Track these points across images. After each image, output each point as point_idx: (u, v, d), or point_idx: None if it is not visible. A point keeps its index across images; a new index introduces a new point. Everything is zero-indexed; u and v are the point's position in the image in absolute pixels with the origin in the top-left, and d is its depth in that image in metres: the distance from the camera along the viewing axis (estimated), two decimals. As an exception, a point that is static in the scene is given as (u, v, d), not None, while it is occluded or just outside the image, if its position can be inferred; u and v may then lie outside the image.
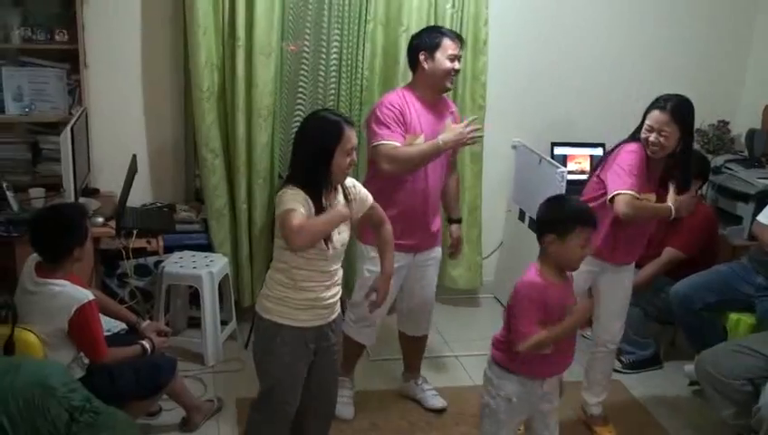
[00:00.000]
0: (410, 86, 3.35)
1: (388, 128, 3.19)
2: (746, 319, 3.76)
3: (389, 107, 3.22)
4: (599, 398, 3.51)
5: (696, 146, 4.67)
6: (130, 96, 4.14)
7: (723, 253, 4.19)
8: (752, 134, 4.51)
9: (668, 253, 4.02)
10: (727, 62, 4.89)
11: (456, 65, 3.25)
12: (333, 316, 2.74)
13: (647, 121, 3.13)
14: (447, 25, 4.20)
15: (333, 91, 4.27)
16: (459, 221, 3.67)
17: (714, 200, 4.48)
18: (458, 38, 3.31)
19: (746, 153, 4.59)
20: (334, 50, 4.22)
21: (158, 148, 4.25)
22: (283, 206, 2.49)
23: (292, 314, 2.63)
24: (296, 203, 2.48)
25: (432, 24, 4.16)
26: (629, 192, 3.04)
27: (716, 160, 4.50)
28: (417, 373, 3.72)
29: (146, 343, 3.09)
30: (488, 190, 4.59)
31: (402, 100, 3.26)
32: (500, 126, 4.54)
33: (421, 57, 3.25)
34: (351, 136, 2.58)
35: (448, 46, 3.22)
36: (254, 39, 3.95)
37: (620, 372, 4.08)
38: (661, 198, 3.20)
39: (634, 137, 3.19)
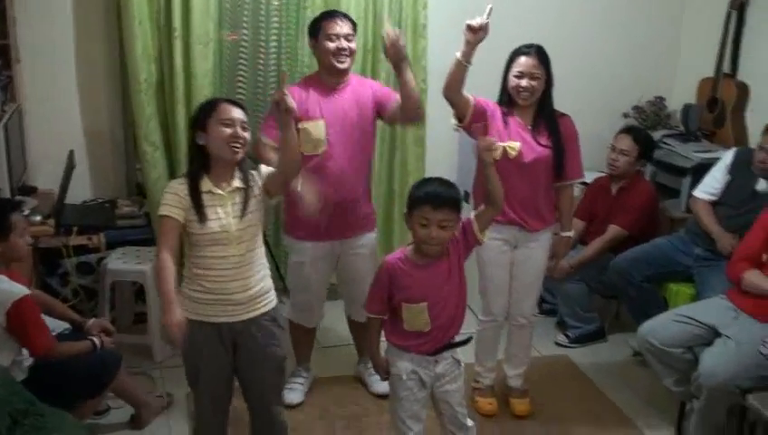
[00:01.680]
0: (317, 71, 3.39)
1: (267, 121, 3.25)
2: (686, 289, 3.86)
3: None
4: (516, 370, 3.55)
5: (634, 122, 4.78)
6: (65, 90, 4.06)
7: (662, 226, 4.29)
8: (687, 109, 4.61)
9: (612, 230, 4.10)
10: (661, 40, 4.98)
11: (341, 44, 3.23)
12: (250, 315, 2.64)
13: (515, 69, 3.21)
14: (386, 10, 4.21)
15: (273, 79, 4.23)
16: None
17: (653, 175, 4.57)
18: (342, 17, 3.29)
19: (682, 128, 4.69)
20: (273, 37, 4.19)
21: (96, 142, 4.18)
22: (161, 206, 2.57)
23: (195, 308, 2.60)
24: (168, 206, 2.53)
25: (370, 7, 4.17)
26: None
27: (654, 135, 4.58)
28: (366, 357, 3.74)
29: (95, 339, 3.06)
30: (432, 174, 4.59)
31: (303, 88, 3.29)
32: (442, 109, 4.52)
33: (311, 45, 3.34)
34: (228, 109, 2.56)
35: (327, 26, 3.23)
36: (190, 29, 3.90)
37: (566, 346, 4.17)
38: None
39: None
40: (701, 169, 4.11)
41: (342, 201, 3.29)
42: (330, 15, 3.31)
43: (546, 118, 3.27)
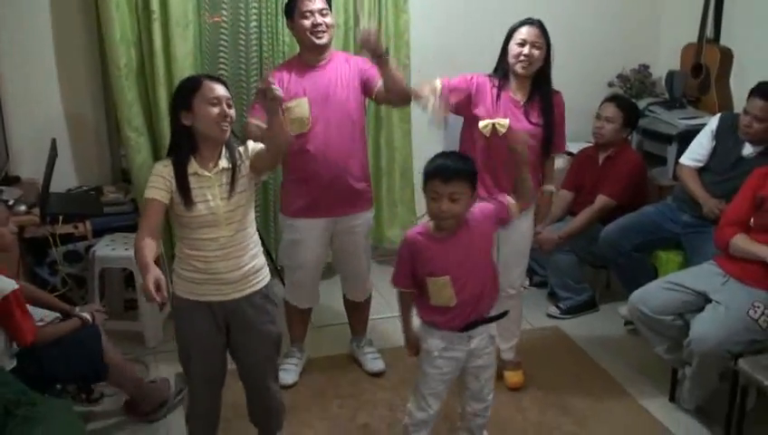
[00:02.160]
0: (299, 52, 3.38)
1: (253, 108, 3.24)
2: (675, 257, 3.88)
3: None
4: (509, 343, 3.55)
5: (619, 91, 4.77)
6: (45, 78, 4.01)
7: (650, 194, 4.30)
8: (671, 76, 4.60)
9: (600, 200, 4.11)
10: (643, 6, 4.97)
11: (316, 19, 3.20)
12: (242, 293, 2.62)
13: (517, 37, 3.20)
14: (366, -14, 4.18)
15: (255, 61, 4.19)
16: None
17: (639, 143, 4.57)
18: None
19: (667, 95, 4.69)
20: (253, 18, 4.14)
21: (78, 130, 4.14)
22: (147, 188, 2.52)
23: (186, 287, 2.60)
24: (154, 189, 2.49)
25: (349, -16, 4.13)
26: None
27: (640, 104, 4.58)
28: (360, 336, 3.75)
29: (85, 315, 3.06)
30: (419, 150, 4.59)
31: (286, 68, 3.30)
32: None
33: (289, 26, 3.33)
34: (214, 87, 2.51)
35: (300, 4, 3.21)
36: (169, 11, 3.86)
37: (558, 317, 4.18)
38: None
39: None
40: (687, 136, 4.11)
41: (332, 177, 3.28)
42: None
43: (541, 95, 3.26)
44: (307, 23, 3.21)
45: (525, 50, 3.18)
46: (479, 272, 2.63)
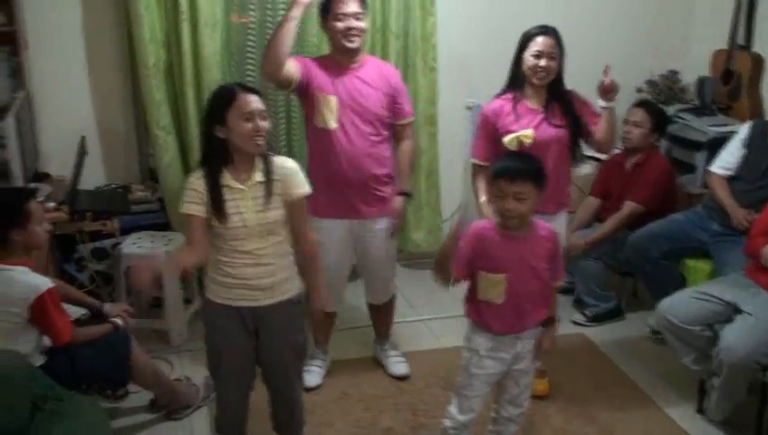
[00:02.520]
0: (328, 54, 3.38)
1: None
2: (703, 265, 3.83)
3: (306, 62, 3.28)
4: None
5: (648, 97, 4.73)
6: (75, 76, 4.05)
7: (679, 202, 4.25)
8: (701, 82, 4.56)
9: (628, 207, 4.07)
10: (675, 12, 4.92)
11: (351, 23, 3.20)
12: (272, 300, 2.62)
13: (532, 48, 3.19)
14: (393, -13, 4.18)
15: (283, 61, 4.19)
16: (404, 194, 3.48)
17: (668, 150, 4.52)
18: None
19: (697, 101, 4.64)
20: (280, 18, 4.12)
21: (107, 128, 4.17)
22: (182, 202, 2.55)
23: (218, 291, 2.61)
24: (190, 204, 2.51)
25: (377, -13, 4.13)
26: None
27: (669, 110, 4.53)
28: (384, 339, 3.74)
29: (117, 320, 3.09)
30: (445, 153, 4.59)
31: (319, 63, 3.31)
32: (454, 87, 4.53)
33: (322, 26, 3.33)
34: (249, 99, 2.48)
35: (336, 6, 3.20)
36: (198, 11, 3.87)
37: (584, 325, 4.14)
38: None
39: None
40: (717, 144, 4.06)
41: (356, 180, 3.28)
42: None
43: (558, 98, 3.26)
44: (341, 25, 3.20)
45: (542, 62, 3.18)
46: (533, 278, 2.63)
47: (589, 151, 4.73)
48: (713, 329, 3.20)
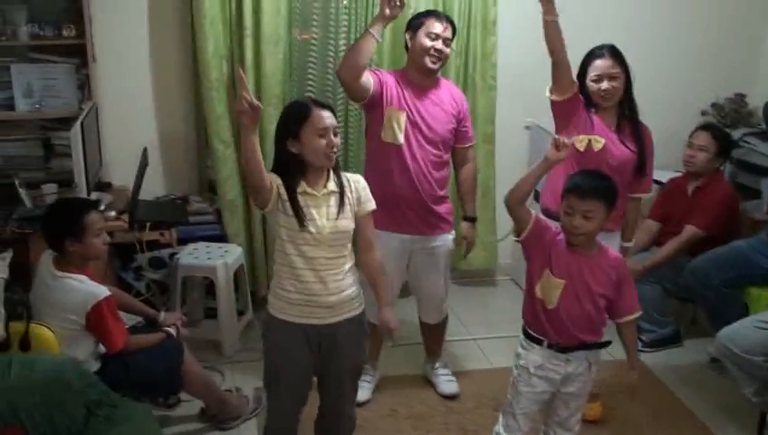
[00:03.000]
0: (406, 67, 3.38)
1: None
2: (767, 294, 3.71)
3: (381, 75, 3.28)
4: None
5: (713, 120, 4.62)
6: (140, 88, 4.14)
7: (742, 228, 4.13)
8: (769, 106, 4.43)
9: (688, 231, 3.97)
10: (742, 35, 4.81)
11: (438, 45, 3.21)
12: (336, 319, 2.60)
13: (591, 73, 3.17)
14: (456, 6, 4.18)
15: (342, 78, 4.23)
16: (470, 220, 3.55)
17: (733, 175, 4.41)
18: (445, 19, 3.28)
19: (764, 126, 4.51)
20: (342, 36, 4.19)
21: (169, 140, 4.25)
22: None
23: (282, 308, 2.59)
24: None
25: (440, 6, 4.13)
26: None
27: (734, 134, 4.42)
28: (435, 358, 3.71)
29: (170, 329, 3.15)
30: (502, 172, 4.54)
31: (393, 77, 3.31)
32: (512, 107, 4.51)
33: (407, 36, 3.31)
34: (323, 115, 2.50)
35: (430, 25, 3.21)
36: (261, 28, 3.93)
37: (641, 350, 4.02)
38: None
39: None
40: (784, 169, 3.95)
41: (415, 197, 3.29)
42: (435, 15, 3.29)
43: (629, 120, 3.23)
44: (429, 44, 3.21)
45: (604, 85, 3.16)
46: (587, 299, 2.60)
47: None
48: (776, 360, 3.09)
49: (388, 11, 3.05)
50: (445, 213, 3.42)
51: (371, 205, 2.67)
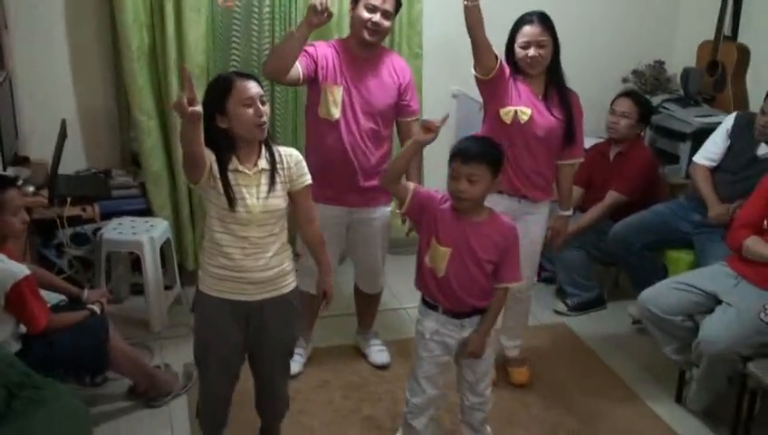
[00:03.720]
0: (347, 37, 3.32)
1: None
2: (686, 256, 3.84)
3: (312, 44, 3.21)
4: (514, 341, 3.55)
5: (633, 87, 4.72)
6: (56, 58, 3.99)
7: (662, 192, 4.26)
8: (687, 73, 4.55)
9: (611, 196, 4.07)
10: (662, 3, 4.91)
11: (376, 17, 3.14)
12: (266, 295, 2.57)
13: (520, 39, 3.15)
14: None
15: (267, 47, 4.15)
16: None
17: (652, 140, 4.53)
18: None
19: (682, 92, 4.64)
20: (266, 3, 4.11)
21: (89, 111, 4.12)
22: None
23: (212, 284, 2.55)
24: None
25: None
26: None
27: (654, 101, 4.54)
28: (367, 328, 3.73)
29: (94, 307, 3.07)
30: (433, 143, 4.55)
31: (331, 49, 3.24)
32: (439, 75, 4.51)
33: (350, 7, 3.25)
34: (247, 86, 2.43)
35: None
36: (182, -5, 3.82)
37: (565, 314, 4.16)
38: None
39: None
40: (701, 134, 4.07)
41: (353, 170, 3.27)
42: None
43: (557, 88, 3.23)
44: (367, 16, 3.15)
45: (531, 51, 3.14)
46: (474, 266, 2.61)
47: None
48: (693, 319, 3.22)
49: (315, 20, 2.96)
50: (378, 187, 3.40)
51: (306, 179, 2.61)
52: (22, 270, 2.76)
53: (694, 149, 4.01)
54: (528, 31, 3.14)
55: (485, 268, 2.62)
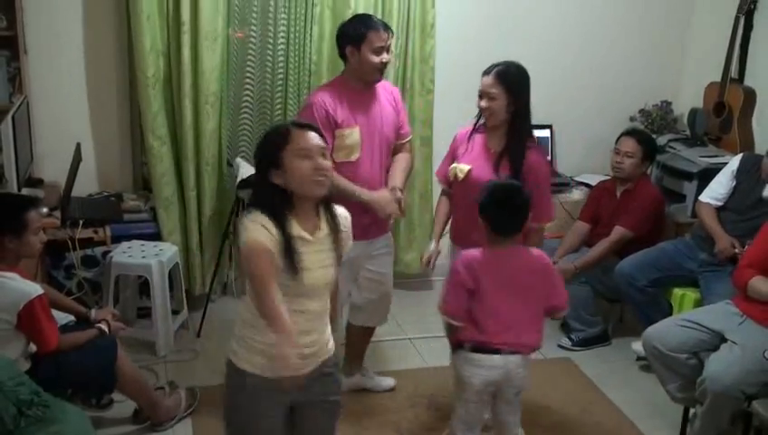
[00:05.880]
0: (345, 75, 3.25)
1: None
2: (691, 294, 3.85)
3: (321, 106, 3.12)
4: None
5: (640, 126, 4.77)
6: (73, 83, 4.06)
7: (667, 230, 4.29)
8: (693, 113, 4.60)
9: (617, 232, 4.09)
10: (669, 43, 4.97)
11: (385, 57, 3.11)
12: (315, 365, 2.27)
13: (479, 88, 3.11)
14: (395, 9, 4.21)
15: (281, 77, 4.23)
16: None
17: (659, 179, 4.56)
18: (385, 28, 3.15)
19: (689, 132, 4.69)
20: (281, 35, 4.19)
21: (103, 136, 4.18)
22: (242, 236, 2.11)
23: (258, 362, 2.20)
24: (255, 232, 2.08)
25: (379, 6, 4.16)
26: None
27: (660, 140, 4.58)
28: (361, 362, 3.65)
29: (102, 326, 3.09)
30: (438, 174, 4.61)
31: (334, 93, 3.17)
32: (449, 110, 4.55)
33: (348, 51, 3.14)
34: (305, 136, 2.16)
35: (374, 39, 3.08)
36: (199, 24, 3.90)
37: (570, 349, 4.16)
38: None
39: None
40: (707, 174, 4.10)
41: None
42: (375, 26, 3.12)
43: (512, 149, 3.07)
44: (377, 59, 3.10)
45: (482, 103, 3.09)
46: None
47: (579, 177, 4.79)
48: (698, 357, 3.22)
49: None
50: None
51: (350, 243, 2.36)
52: (36, 289, 2.79)
53: (700, 189, 4.04)
54: (482, 80, 3.09)
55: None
